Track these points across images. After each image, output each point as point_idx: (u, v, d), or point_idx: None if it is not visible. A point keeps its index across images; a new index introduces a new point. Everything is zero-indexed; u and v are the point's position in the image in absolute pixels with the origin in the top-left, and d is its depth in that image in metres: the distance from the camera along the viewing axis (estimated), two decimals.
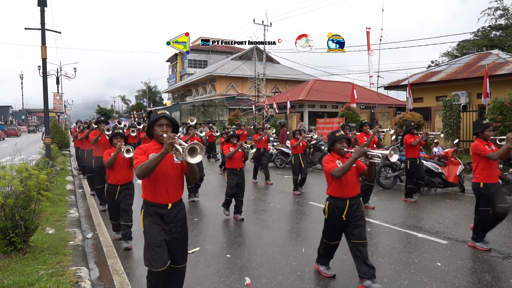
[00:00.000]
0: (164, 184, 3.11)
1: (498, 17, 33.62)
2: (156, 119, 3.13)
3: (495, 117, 12.02)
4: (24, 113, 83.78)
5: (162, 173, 3.07)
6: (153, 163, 2.88)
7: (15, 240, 4.52)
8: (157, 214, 3.13)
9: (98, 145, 7.79)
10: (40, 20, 10.87)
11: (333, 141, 4.17)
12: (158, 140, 3.13)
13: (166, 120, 3.13)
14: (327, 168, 4.04)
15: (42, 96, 11.15)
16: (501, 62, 17.05)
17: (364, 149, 3.83)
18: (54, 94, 30.20)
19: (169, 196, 3.13)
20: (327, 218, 4.25)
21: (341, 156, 4.14)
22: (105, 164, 5.61)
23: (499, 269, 4.60)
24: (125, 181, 5.67)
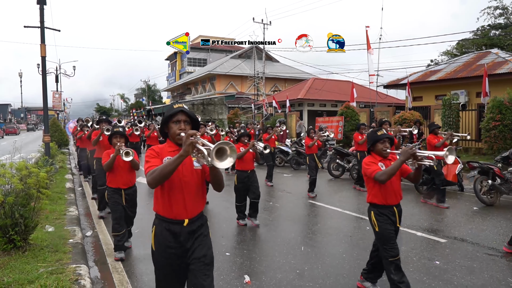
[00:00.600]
0: (181, 194, 2.54)
1: (497, 16, 33.63)
2: (172, 115, 2.56)
3: (494, 116, 12.03)
4: (23, 111, 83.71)
5: (178, 180, 2.52)
6: (169, 168, 2.30)
7: (15, 238, 4.53)
8: (170, 232, 2.56)
9: (100, 146, 7.40)
10: (39, 18, 10.85)
11: (374, 140, 3.71)
12: (175, 140, 2.59)
13: (184, 116, 2.57)
14: (368, 171, 3.57)
15: (41, 94, 11.14)
16: (500, 61, 17.06)
17: (413, 150, 3.37)
18: (53, 92, 30.17)
19: (187, 209, 2.56)
20: (380, 230, 3.64)
21: (383, 158, 3.69)
22: (104, 167, 5.08)
23: (497, 268, 4.62)
24: (128, 185, 5.17)
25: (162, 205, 2.57)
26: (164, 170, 2.32)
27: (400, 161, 3.40)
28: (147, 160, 2.52)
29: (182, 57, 57.15)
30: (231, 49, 51.93)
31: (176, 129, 2.55)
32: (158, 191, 2.57)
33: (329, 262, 4.85)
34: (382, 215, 3.63)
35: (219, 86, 42.81)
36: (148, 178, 2.37)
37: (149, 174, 2.38)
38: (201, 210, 2.67)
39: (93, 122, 9.85)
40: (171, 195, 2.54)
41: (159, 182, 2.38)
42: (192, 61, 55.66)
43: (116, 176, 5.14)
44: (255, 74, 31.30)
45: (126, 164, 5.10)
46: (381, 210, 3.64)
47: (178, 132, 2.54)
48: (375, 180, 3.53)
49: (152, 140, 12.43)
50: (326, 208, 7.85)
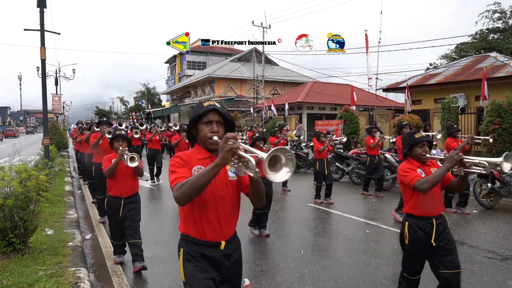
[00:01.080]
0: (214, 211, 2.12)
1: (496, 20, 33.78)
2: (202, 114, 2.12)
3: (493, 119, 12.05)
4: (22, 114, 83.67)
5: (212, 194, 2.09)
6: (203, 181, 1.87)
7: (14, 241, 4.51)
8: (204, 257, 2.15)
9: (99, 150, 6.98)
10: (39, 21, 10.88)
11: (412, 144, 3.32)
12: (205, 145, 2.15)
13: (216, 115, 2.12)
14: (407, 179, 3.20)
15: (41, 97, 11.15)
16: (499, 65, 17.12)
17: (460, 156, 2.99)
18: (53, 95, 30.21)
19: (222, 229, 2.15)
20: (409, 245, 3.31)
21: (422, 164, 3.32)
22: (105, 173, 4.65)
23: (497, 271, 4.62)
24: (130, 193, 4.73)
25: (192, 224, 2.14)
26: (197, 182, 1.88)
27: (445, 168, 3.02)
28: (172, 170, 2.08)
29: (182, 61, 57.23)
30: (231, 52, 52.04)
31: (208, 131, 2.11)
32: (185, 208, 2.14)
33: (328, 265, 4.84)
34: (417, 229, 3.23)
35: (218, 89, 42.85)
36: (176, 192, 1.94)
37: (177, 188, 1.95)
38: (235, 229, 2.27)
39: (92, 124, 9.14)
40: (203, 213, 2.11)
41: (190, 198, 1.95)
42: (191, 64, 55.74)
43: (117, 183, 4.71)
44: (255, 77, 31.36)
45: (129, 170, 4.67)
46: (418, 222, 3.24)
47: (210, 135, 2.10)
48: (414, 189, 3.17)
49: (154, 144, 11.99)
50: (325, 211, 7.84)
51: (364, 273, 4.56)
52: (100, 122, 7.48)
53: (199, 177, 1.89)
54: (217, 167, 1.85)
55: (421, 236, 3.20)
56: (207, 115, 2.12)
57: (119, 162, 4.61)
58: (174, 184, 1.98)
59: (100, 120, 7.93)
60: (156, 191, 10.43)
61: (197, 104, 2.21)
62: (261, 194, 2.12)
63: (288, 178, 1.75)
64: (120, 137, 4.84)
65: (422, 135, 3.34)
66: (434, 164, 3.40)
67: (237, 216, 2.26)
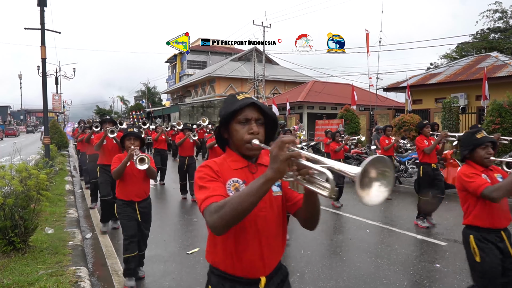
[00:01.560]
0: (256, 237, 1.60)
1: (496, 19, 33.73)
2: (237, 110, 1.61)
3: (494, 119, 12.04)
4: (23, 113, 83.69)
5: (253, 216, 1.54)
6: (248, 201, 1.36)
7: (15, 240, 4.52)
8: None
9: (103, 151, 6.46)
10: (40, 20, 10.88)
11: (474, 145, 2.95)
12: (242, 150, 1.64)
13: (256, 112, 1.63)
14: (473, 186, 2.80)
15: (41, 96, 11.14)
16: (500, 65, 17.11)
17: None
18: (53, 94, 30.23)
19: (264, 260, 1.63)
20: (482, 263, 2.82)
21: (485, 168, 2.96)
22: (113, 174, 4.23)
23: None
24: (142, 197, 4.32)
25: (223, 254, 1.63)
26: (241, 204, 1.36)
27: None
28: (202, 185, 1.55)
29: (182, 60, 57.23)
30: (231, 51, 52.02)
31: (245, 133, 1.61)
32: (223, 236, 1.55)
33: (329, 264, 4.84)
34: (486, 242, 2.82)
35: (219, 89, 42.84)
36: (212, 218, 1.40)
37: (212, 211, 1.42)
38: (280, 258, 1.74)
39: (92, 124, 8.64)
40: (240, 240, 1.59)
41: (232, 224, 1.41)
42: (192, 63, 55.73)
43: (127, 186, 4.28)
44: (255, 76, 31.35)
45: (140, 172, 4.28)
46: (485, 235, 2.84)
47: (249, 137, 1.60)
48: (481, 197, 2.78)
49: (160, 144, 11.35)
50: (325, 211, 7.84)
51: (365, 272, 4.55)
52: (103, 121, 6.99)
53: (244, 196, 1.36)
54: (269, 183, 1.34)
55: (494, 250, 2.80)
56: (244, 111, 1.62)
57: (129, 162, 4.21)
58: (207, 205, 1.46)
59: (103, 118, 7.37)
60: (157, 191, 10.42)
61: (228, 97, 1.74)
62: (318, 214, 1.62)
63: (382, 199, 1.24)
64: (132, 135, 4.40)
65: (485, 135, 2.98)
66: (496, 169, 3.06)
67: (283, 243, 1.72)
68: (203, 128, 15.38)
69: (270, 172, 1.33)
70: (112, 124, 6.70)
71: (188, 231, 6.44)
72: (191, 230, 6.50)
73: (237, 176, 1.64)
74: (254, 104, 1.64)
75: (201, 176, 1.60)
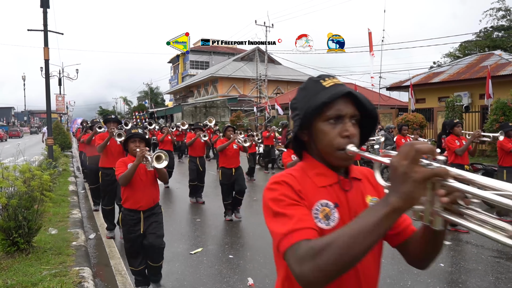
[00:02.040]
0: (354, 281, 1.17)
1: (500, 17, 33.57)
2: (325, 104, 1.15)
3: (498, 117, 12.00)
4: (26, 114, 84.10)
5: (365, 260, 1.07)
6: (365, 243, 0.90)
7: (18, 241, 4.52)
8: None
9: (106, 154, 6.07)
10: (43, 22, 10.92)
11: None
12: (331, 158, 1.19)
13: (351, 106, 1.19)
14: None
15: (44, 97, 11.19)
16: (503, 63, 17.02)
17: None
18: (56, 95, 30.36)
19: None
20: None
21: None
22: (119, 180, 3.79)
23: (503, 270, 4.58)
24: (150, 205, 3.94)
25: None
26: (353, 248, 0.91)
27: None
28: (279, 211, 1.08)
29: (185, 60, 57.33)
30: (233, 51, 52.06)
31: (337, 135, 1.16)
32: None
33: None
34: None
35: (221, 89, 42.88)
36: (305, 267, 0.94)
37: (303, 256, 0.95)
38: None
39: (94, 123, 8.32)
40: None
41: (335, 277, 0.94)
42: (194, 64, 55.83)
43: (135, 193, 3.85)
44: (258, 76, 31.35)
45: (149, 177, 3.92)
46: None
47: (343, 142, 1.15)
48: None
49: (166, 145, 10.83)
50: None
51: None
52: (107, 120, 6.44)
53: (356, 234, 0.91)
54: (396, 214, 0.90)
55: None
56: (335, 104, 1.17)
57: (138, 166, 3.78)
58: (292, 243, 0.99)
59: (107, 117, 6.62)
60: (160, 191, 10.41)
61: (308, 83, 1.27)
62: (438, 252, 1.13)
63: None
64: (137, 137, 3.96)
65: None
66: None
67: None
68: (210, 129, 15.24)
69: (398, 198, 0.89)
70: (116, 124, 6.28)
71: (191, 231, 6.44)
72: (194, 230, 6.50)
73: (326, 197, 1.17)
74: (351, 93, 1.19)
75: (277, 197, 1.11)
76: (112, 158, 5.82)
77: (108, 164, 6.02)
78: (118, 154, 5.87)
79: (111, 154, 6.02)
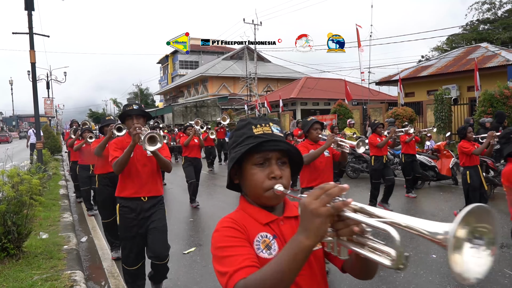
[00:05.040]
0: None
1: (485, 11, 33.97)
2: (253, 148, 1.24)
3: (486, 109, 12.12)
4: (15, 119, 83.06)
5: None
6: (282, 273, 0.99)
7: (8, 246, 4.47)
8: None
9: (104, 160, 4.92)
10: (28, 24, 10.77)
11: None
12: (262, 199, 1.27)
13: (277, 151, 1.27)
14: None
15: (33, 101, 11.04)
16: (490, 55, 17.19)
17: None
18: (45, 99, 29.96)
19: None
20: None
21: None
22: (114, 165, 3.29)
23: (493, 259, 4.63)
24: (153, 193, 3.45)
25: None
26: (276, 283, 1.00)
27: None
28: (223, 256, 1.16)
29: (174, 60, 57.07)
30: (223, 50, 51.92)
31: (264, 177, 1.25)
32: None
33: None
34: None
35: (211, 88, 42.77)
36: None
37: None
38: None
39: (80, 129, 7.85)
40: None
41: None
42: (184, 63, 55.58)
43: (134, 180, 3.38)
44: (247, 75, 31.34)
45: (152, 162, 3.39)
46: None
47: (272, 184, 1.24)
48: None
49: (193, 150, 8.36)
50: None
51: None
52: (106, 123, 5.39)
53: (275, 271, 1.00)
54: (305, 252, 0.97)
55: None
56: (264, 152, 1.24)
57: (135, 147, 3.24)
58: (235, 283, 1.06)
59: (104, 120, 5.74)
60: None
61: (240, 125, 1.34)
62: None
63: None
64: (133, 113, 3.44)
65: None
66: None
67: None
68: (223, 127, 15.00)
69: (305, 236, 0.96)
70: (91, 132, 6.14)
71: (184, 231, 6.42)
72: (187, 230, 6.48)
73: (265, 231, 1.25)
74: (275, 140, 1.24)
75: (223, 236, 1.22)
76: None
77: (105, 169, 5.17)
78: None
79: None
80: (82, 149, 7.39)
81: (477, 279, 0.86)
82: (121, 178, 3.45)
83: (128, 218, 3.43)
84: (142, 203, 3.42)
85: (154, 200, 3.46)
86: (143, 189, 3.41)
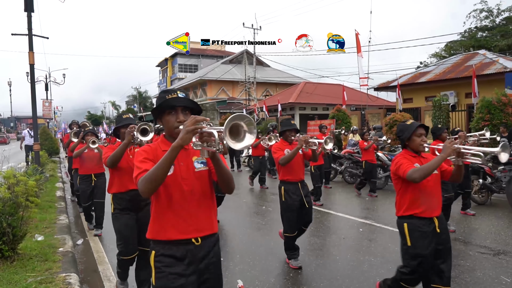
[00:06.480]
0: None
1: (483, 18, 34.21)
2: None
3: (483, 116, 12.14)
4: (13, 120, 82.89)
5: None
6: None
7: (3, 248, 4.43)
8: None
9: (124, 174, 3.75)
10: (27, 26, 10.77)
11: None
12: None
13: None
14: None
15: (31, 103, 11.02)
16: (488, 62, 17.27)
17: None
18: (43, 100, 29.86)
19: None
20: None
21: None
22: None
23: (490, 266, 4.63)
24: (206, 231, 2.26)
25: None
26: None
27: None
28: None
29: (173, 64, 57.10)
30: (222, 54, 52.02)
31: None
32: None
33: (322, 264, 4.83)
34: None
35: (210, 92, 42.78)
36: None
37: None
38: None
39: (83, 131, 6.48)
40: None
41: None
42: (183, 67, 55.62)
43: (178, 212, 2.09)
44: (246, 79, 31.37)
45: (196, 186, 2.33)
46: None
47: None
48: None
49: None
50: (318, 211, 7.83)
51: (358, 271, 4.55)
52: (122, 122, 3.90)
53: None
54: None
55: None
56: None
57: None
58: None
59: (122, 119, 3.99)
60: None
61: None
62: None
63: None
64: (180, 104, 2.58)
65: None
66: None
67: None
68: None
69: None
70: (95, 136, 6.00)
71: None
72: None
73: None
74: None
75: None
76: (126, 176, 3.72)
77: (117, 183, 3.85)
78: None
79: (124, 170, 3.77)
80: (83, 155, 6.25)
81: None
82: (157, 208, 2.13)
83: (171, 276, 2.07)
84: (194, 247, 2.14)
85: (210, 242, 2.23)
86: (193, 225, 2.13)
